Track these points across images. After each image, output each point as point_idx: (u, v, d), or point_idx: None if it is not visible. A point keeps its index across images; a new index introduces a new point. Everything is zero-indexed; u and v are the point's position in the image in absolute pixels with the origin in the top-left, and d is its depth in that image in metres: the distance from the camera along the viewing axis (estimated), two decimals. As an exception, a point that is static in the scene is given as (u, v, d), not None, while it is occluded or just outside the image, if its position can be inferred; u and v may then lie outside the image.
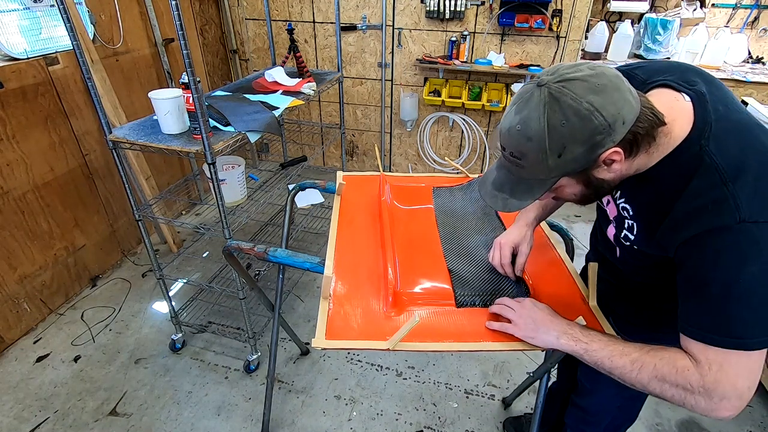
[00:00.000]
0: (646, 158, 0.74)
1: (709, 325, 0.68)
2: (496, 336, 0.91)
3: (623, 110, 0.66)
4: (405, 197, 1.40)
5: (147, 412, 1.76)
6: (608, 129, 0.65)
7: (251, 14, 3.27)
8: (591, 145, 0.67)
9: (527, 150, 0.69)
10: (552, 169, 0.70)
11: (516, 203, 0.78)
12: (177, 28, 1.17)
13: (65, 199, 2.20)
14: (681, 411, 1.81)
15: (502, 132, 0.73)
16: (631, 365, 0.74)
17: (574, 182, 0.75)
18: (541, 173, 0.72)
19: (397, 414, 1.78)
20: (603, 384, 1.16)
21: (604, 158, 0.69)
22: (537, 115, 0.67)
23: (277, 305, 1.54)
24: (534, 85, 0.69)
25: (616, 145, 0.67)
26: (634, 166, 0.74)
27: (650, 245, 0.80)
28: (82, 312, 2.24)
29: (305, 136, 3.55)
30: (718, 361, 0.67)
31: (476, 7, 2.83)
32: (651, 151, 0.73)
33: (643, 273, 0.92)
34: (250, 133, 1.57)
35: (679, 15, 2.68)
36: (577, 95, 0.64)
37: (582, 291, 1.02)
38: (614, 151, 0.68)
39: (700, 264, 0.69)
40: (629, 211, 0.83)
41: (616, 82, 0.66)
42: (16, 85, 1.89)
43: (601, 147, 0.67)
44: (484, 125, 3.26)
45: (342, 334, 0.89)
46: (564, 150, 0.67)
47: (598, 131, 0.65)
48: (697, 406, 0.69)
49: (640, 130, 0.68)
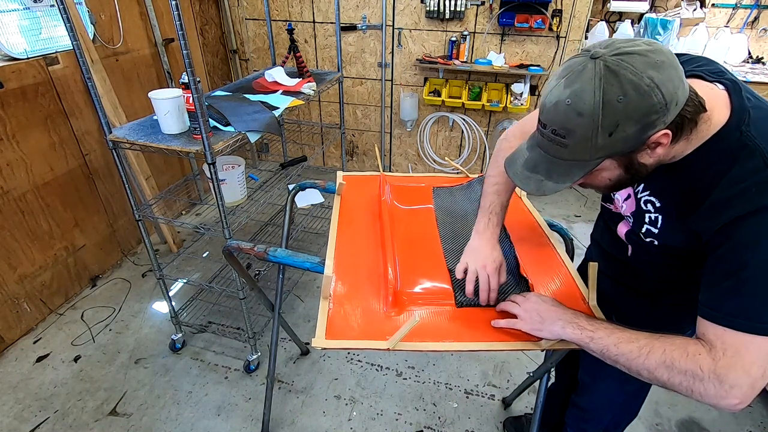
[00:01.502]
0: (685, 145, 0.72)
1: (736, 309, 0.66)
2: (496, 336, 0.91)
3: (678, 90, 0.64)
4: (405, 197, 1.40)
5: (147, 412, 1.76)
6: (664, 108, 0.63)
7: (251, 14, 3.28)
8: (644, 124, 0.64)
9: (576, 126, 0.65)
10: (599, 149, 0.67)
11: (552, 186, 0.73)
12: (177, 28, 1.17)
13: (65, 199, 2.20)
14: (681, 411, 1.81)
15: (547, 107, 0.68)
16: (639, 351, 0.72)
17: (615, 165, 0.71)
18: (585, 153, 0.68)
19: (397, 414, 1.78)
20: (603, 380, 1.17)
21: (654, 140, 0.66)
22: (591, 88, 0.63)
23: (277, 305, 1.54)
24: (586, 57, 0.65)
25: (666, 127, 0.65)
26: (671, 153, 0.72)
27: (678, 236, 0.78)
28: (82, 312, 2.24)
29: (305, 136, 3.55)
30: (735, 346, 0.65)
31: (476, 7, 2.83)
32: (691, 137, 0.71)
33: (657, 270, 0.91)
34: (250, 133, 1.57)
35: (679, 15, 2.68)
36: (637, 69, 0.61)
37: (582, 291, 1.02)
38: (664, 134, 0.65)
39: (738, 246, 0.66)
40: (654, 204, 0.81)
41: (672, 60, 0.64)
42: (16, 85, 1.89)
43: (653, 128, 0.64)
44: (484, 125, 3.26)
45: (342, 333, 0.89)
46: (616, 128, 0.64)
47: (654, 110, 0.62)
48: (705, 394, 0.66)
49: (687, 114, 0.66)
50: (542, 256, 1.14)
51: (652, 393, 1.87)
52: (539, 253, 1.15)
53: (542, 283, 1.04)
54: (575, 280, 1.06)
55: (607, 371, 1.12)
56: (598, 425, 1.26)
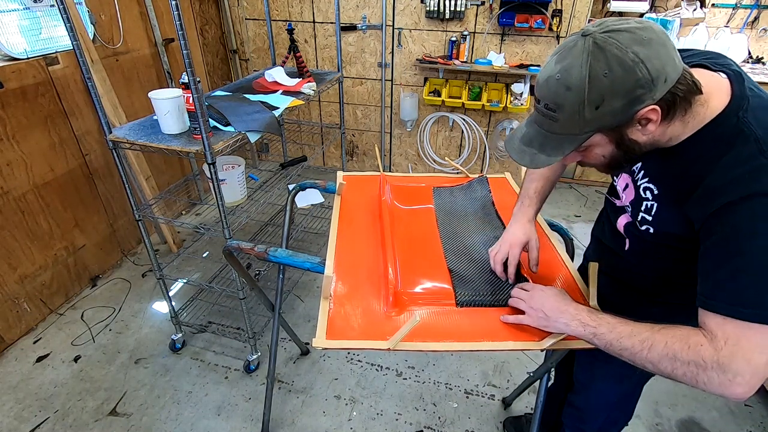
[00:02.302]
0: (681, 127, 0.72)
1: (734, 298, 0.66)
2: (496, 336, 0.91)
3: (667, 67, 0.64)
4: (405, 197, 1.40)
5: (147, 412, 1.76)
6: (650, 84, 0.64)
7: (251, 14, 3.28)
8: (631, 99, 0.65)
9: (564, 100, 0.68)
10: (587, 123, 0.69)
11: (544, 159, 0.76)
12: (177, 28, 1.17)
13: (65, 199, 2.20)
14: (681, 411, 1.81)
15: (540, 83, 0.72)
16: (641, 345, 0.72)
17: (606, 141, 0.73)
18: (575, 127, 0.70)
19: (397, 414, 1.78)
20: (598, 379, 1.17)
21: (642, 115, 0.67)
22: (579, 63, 0.65)
23: (277, 305, 1.54)
24: (578, 36, 0.67)
25: (655, 103, 0.66)
26: (667, 134, 0.73)
27: (672, 222, 0.79)
28: (82, 312, 2.24)
29: (305, 136, 3.55)
30: (736, 334, 0.65)
31: (476, 7, 2.83)
32: (687, 119, 0.71)
33: (652, 265, 0.92)
34: (250, 133, 1.57)
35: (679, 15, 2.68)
36: (622, 45, 0.63)
37: (582, 291, 1.02)
38: (652, 109, 0.66)
39: (732, 233, 0.66)
40: (653, 192, 0.82)
41: (662, 38, 0.65)
42: (16, 85, 1.89)
43: (640, 103, 0.66)
44: (484, 125, 3.26)
45: (342, 333, 0.89)
46: (603, 102, 0.66)
47: (639, 84, 0.64)
48: (709, 383, 0.66)
49: (679, 92, 0.67)
50: (542, 256, 1.14)
51: (652, 393, 1.87)
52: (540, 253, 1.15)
53: (542, 283, 1.04)
54: (575, 280, 1.06)
55: (602, 370, 1.13)
56: (594, 425, 1.26)
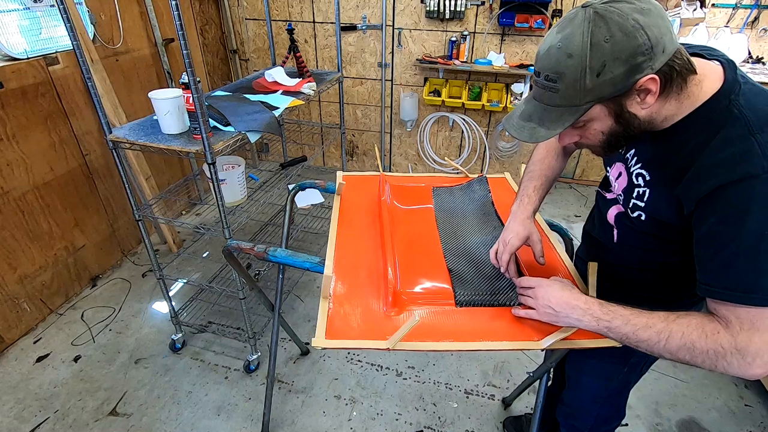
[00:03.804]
0: (676, 107, 0.73)
1: (735, 284, 0.67)
2: (496, 336, 0.91)
3: (665, 37, 0.66)
4: (405, 197, 1.40)
5: (147, 412, 1.76)
6: (650, 51, 0.65)
7: (251, 14, 3.28)
8: (631, 66, 0.66)
9: (566, 68, 0.68)
10: (588, 92, 0.69)
11: (544, 132, 0.75)
12: (177, 28, 1.17)
13: (65, 199, 2.20)
14: (681, 411, 1.81)
15: (540, 54, 0.72)
16: (658, 336, 0.72)
17: (605, 114, 0.73)
18: (575, 97, 0.70)
19: (397, 414, 1.78)
20: (586, 374, 1.18)
21: (641, 85, 0.67)
22: (580, 31, 0.67)
23: (277, 305, 1.54)
24: (578, 8, 0.69)
25: (654, 73, 0.67)
26: (663, 112, 0.74)
27: (663, 207, 0.79)
28: (82, 312, 2.24)
29: (305, 136, 3.55)
30: (749, 319, 0.66)
31: (476, 7, 2.83)
32: (682, 99, 0.72)
33: (640, 256, 0.92)
34: (250, 133, 1.57)
35: (679, 15, 2.67)
36: (623, 13, 0.65)
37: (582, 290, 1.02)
38: (651, 78, 0.67)
39: (725, 217, 0.67)
40: (644, 178, 0.83)
41: (659, 11, 0.67)
42: (16, 85, 1.89)
43: (640, 71, 0.66)
44: (484, 125, 3.26)
45: (342, 333, 0.89)
46: (604, 68, 0.66)
47: (640, 51, 0.65)
48: (729, 368, 0.67)
49: (676, 66, 0.68)
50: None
51: (653, 393, 1.87)
52: None
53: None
54: (575, 280, 1.06)
55: (589, 366, 1.15)
56: (585, 422, 1.26)
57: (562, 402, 1.31)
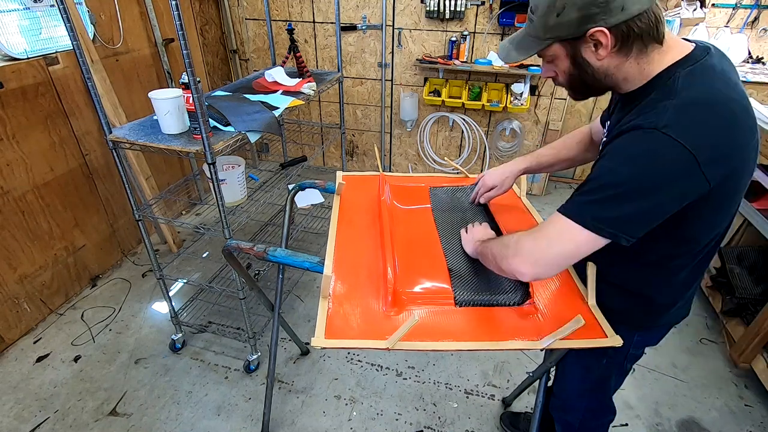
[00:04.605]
0: (637, 70, 0.78)
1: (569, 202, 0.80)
2: (495, 335, 0.91)
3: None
4: (404, 197, 1.40)
5: (147, 412, 1.76)
6: (605, 5, 0.70)
7: (251, 14, 3.28)
8: (585, 14, 0.72)
9: (539, 3, 0.77)
10: (549, 29, 0.77)
11: (515, 55, 0.86)
12: (177, 28, 1.17)
13: (65, 199, 2.20)
14: (681, 411, 1.81)
15: None
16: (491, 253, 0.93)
17: (564, 53, 0.80)
18: (541, 30, 0.79)
19: (397, 414, 1.78)
20: (568, 365, 1.20)
21: (592, 34, 0.73)
22: None
23: (277, 305, 1.54)
24: None
25: (607, 27, 0.72)
26: (622, 71, 0.78)
27: None
28: (82, 312, 2.24)
29: (305, 136, 3.55)
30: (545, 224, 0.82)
31: (476, 7, 2.83)
32: (642, 63, 0.77)
33: None
34: (250, 133, 1.57)
35: (679, 15, 2.67)
36: None
37: (581, 290, 1.02)
38: (601, 31, 0.72)
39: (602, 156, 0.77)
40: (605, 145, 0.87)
41: None
42: (16, 85, 1.90)
43: (592, 22, 0.72)
44: (484, 125, 3.26)
45: (341, 333, 0.89)
46: (563, 10, 0.73)
47: (594, 3, 0.70)
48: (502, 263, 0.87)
49: (635, 28, 0.72)
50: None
51: (653, 393, 1.87)
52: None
53: (541, 282, 1.05)
54: (574, 280, 1.06)
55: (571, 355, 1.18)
56: (575, 416, 1.27)
57: (553, 395, 1.33)
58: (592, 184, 0.76)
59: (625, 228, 0.74)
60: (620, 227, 0.73)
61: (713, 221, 0.82)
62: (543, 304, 0.99)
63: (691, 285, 0.96)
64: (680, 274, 0.90)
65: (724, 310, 2.10)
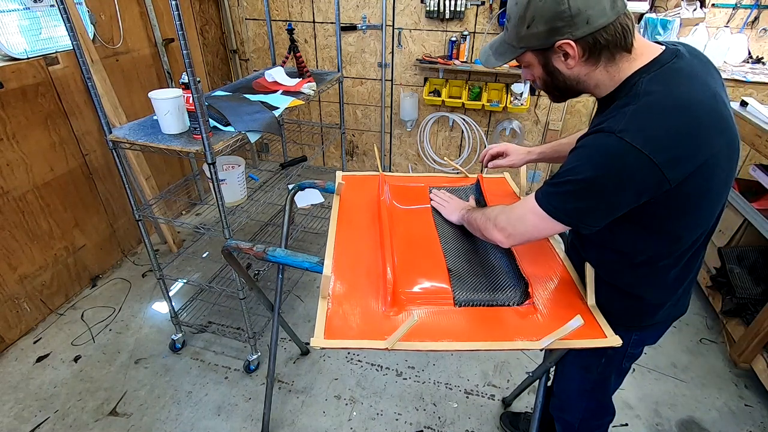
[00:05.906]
0: (607, 78, 0.81)
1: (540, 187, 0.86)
2: (495, 336, 0.91)
3: (590, 11, 0.73)
4: (404, 197, 1.40)
5: (147, 412, 1.76)
6: (570, 19, 0.74)
7: (251, 14, 3.28)
8: (552, 27, 0.76)
9: (512, 12, 0.82)
10: (521, 39, 0.82)
11: (493, 60, 0.91)
12: (177, 28, 1.17)
13: (65, 199, 2.20)
14: (681, 411, 1.81)
15: None
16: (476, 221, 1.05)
17: (536, 61, 0.85)
18: (514, 39, 0.84)
19: (397, 414, 1.78)
20: (568, 365, 1.21)
21: (560, 45, 0.78)
22: None
23: (277, 305, 1.54)
24: None
25: (574, 39, 0.76)
26: (593, 78, 0.82)
27: None
28: (82, 312, 2.24)
29: (305, 136, 3.55)
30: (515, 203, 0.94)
31: (476, 7, 2.83)
32: (611, 71, 0.80)
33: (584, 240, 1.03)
34: (250, 133, 1.57)
35: (679, 15, 2.67)
36: None
37: (581, 290, 1.02)
38: (568, 43, 0.77)
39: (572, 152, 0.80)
40: None
41: None
42: (16, 85, 1.90)
43: (559, 34, 0.77)
44: (484, 125, 3.26)
45: (341, 333, 0.89)
46: (532, 23, 0.78)
47: (560, 17, 0.75)
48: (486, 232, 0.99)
49: (601, 39, 0.76)
50: (541, 256, 1.15)
51: (653, 393, 1.87)
52: (538, 253, 1.15)
53: (541, 283, 1.05)
54: (573, 280, 1.06)
55: (570, 354, 1.18)
56: (574, 415, 1.27)
57: (553, 395, 1.33)
58: (558, 177, 0.81)
59: (582, 218, 0.81)
60: (578, 218, 0.81)
61: (695, 219, 0.83)
62: (542, 304, 0.99)
63: (682, 284, 0.96)
64: (669, 274, 0.92)
65: (724, 310, 2.10)
